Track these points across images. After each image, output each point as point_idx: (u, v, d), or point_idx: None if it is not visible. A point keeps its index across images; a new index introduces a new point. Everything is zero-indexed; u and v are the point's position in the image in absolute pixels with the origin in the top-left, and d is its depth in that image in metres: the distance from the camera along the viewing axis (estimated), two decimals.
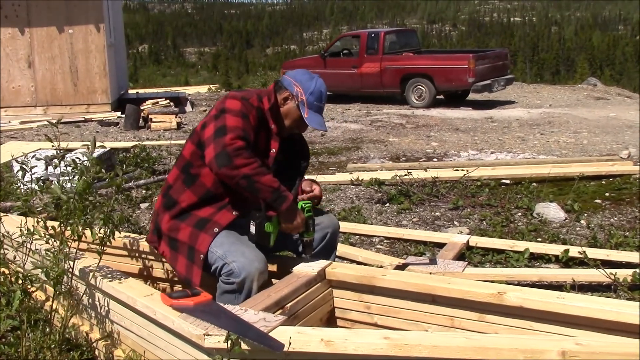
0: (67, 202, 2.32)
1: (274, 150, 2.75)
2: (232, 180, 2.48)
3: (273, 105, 2.74)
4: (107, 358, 2.57)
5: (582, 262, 3.70)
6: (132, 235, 3.22)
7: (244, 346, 1.95)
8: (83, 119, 11.86)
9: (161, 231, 2.72)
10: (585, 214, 5.00)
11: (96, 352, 2.64)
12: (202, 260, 2.56)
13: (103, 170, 2.41)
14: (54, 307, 2.61)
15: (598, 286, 3.50)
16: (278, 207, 2.55)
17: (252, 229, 2.61)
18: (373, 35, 14.13)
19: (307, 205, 2.71)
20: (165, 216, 2.72)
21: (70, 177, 2.41)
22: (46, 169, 2.47)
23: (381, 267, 3.55)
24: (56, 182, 2.41)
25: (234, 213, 2.67)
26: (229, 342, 1.92)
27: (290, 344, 1.92)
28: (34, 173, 2.50)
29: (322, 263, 2.69)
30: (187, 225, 2.65)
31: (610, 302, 2.17)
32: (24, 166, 2.44)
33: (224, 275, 2.50)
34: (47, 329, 2.59)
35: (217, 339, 2.00)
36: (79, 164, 2.38)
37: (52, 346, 2.53)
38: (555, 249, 3.97)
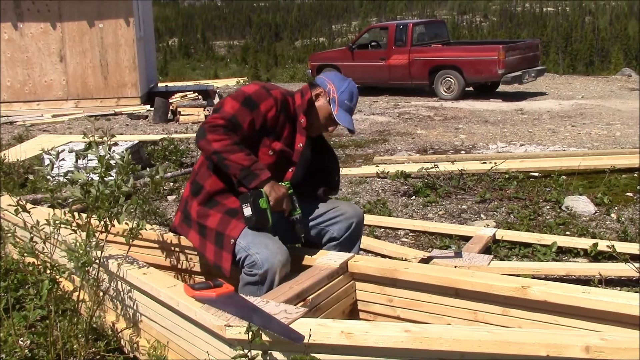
0: (91, 186, 2.36)
1: (301, 144, 2.78)
2: (207, 154, 2.61)
3: (307, 100, 2.79)
4: (132, 348, 2.61)
5: (611, 257, 3.63)
6: (158, 227, 3.26)
7: (264, 337, 1.96)
8: (113, 112, 12.04)
9: (190, 218, 2.75)
10: (616, 207, 4.91)
11: (122, 342, 2.69)
12: (233, 245, 2.58)
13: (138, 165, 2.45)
14: (81, 297, 2.66)
15: (628, 281, 3.44)
16: (247, 185, 2.58)
17: (247, 210, 2.57)
18: (401, 26, 14.02)
19: (286, 184, 2.71)
20: (193, 203, 2.75)
21: (101, 170, 2.44)
22: (76, 161, 2.49)
23: (405, 260, 3.53)
24: (78, 173, 2.45)
25: None
26: (250, 333, 1.93)
27: (310, 335, 1.92)
28: (61, 166, 2.53)
29: (344, 256, 2.69)
30: (216, 212, 2.68)
31: (637, 297, 2.12)
32: (52, 159, 2.48)
33: (247, 266, 2.52)
34: (75, 319, 2.64)
35: (238, 330, 2.01)
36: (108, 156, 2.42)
37: (80, 335, 2.58)
38: (584, 243, 3.91)
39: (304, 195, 2.84)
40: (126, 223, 2.60)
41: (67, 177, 2.53)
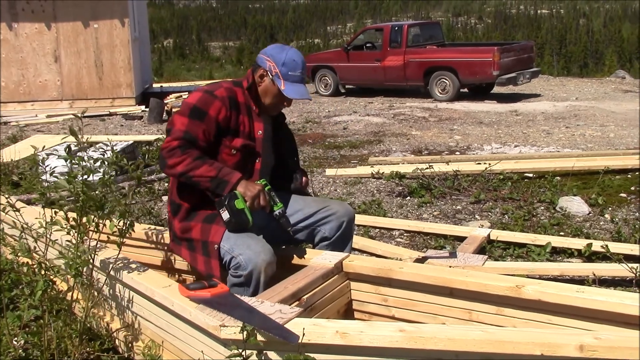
0: (77, 194, 2.35)
1: (260, 132, 2.74)
2: (175, 178, 2.65)
3: (251, 86, 2.72)
4: (127, 347, 2.60)
5: (605, 257, 3.64)
6: (153, 226, 3.25)
7: (259, 337, 1.96)
8: (108, 112, 12.02)
9: (177, 236, 2.74)
10: (610, 208, 4.93)
11: (116, 342, 2.68)
12: (217, 250, 2.56)
13: (125, 161, 2.45)
14: (75, 297, 2.65)
15: (621, 281, 3.46)
16: (222, 193, 2.55)
17: (225, 214, 2.54)
18: (396, 28, 14.06)
19: (262, 182, 2.68)
20: (175, 222, 2.74)
21: (84, 171, 2.44)
22: (66, 162, 2.49)
23: (400, 260, 3.53)
24: (61, 176, 2.44)
25: None
26: (245, 333, 1.93)
27: (304, 335, 1.92)
28: (55, 166, 2.53)
29: (339, 255, 2.69)
30: (196, 222, 2.67)
31: (630, 296, 2.13)
32: (40, 160, 2.48)
33: (232, 268, 2.51)
34: (69, 319, 2.63)
35: (233, 330, 2.01)
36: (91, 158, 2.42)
37: (74, 336, 2.57)
38: (578, 243, 3.92)
39: (277, 186, 2.80)
40: (113, 222, 2.57)
41: (55, 180, 2.52)
